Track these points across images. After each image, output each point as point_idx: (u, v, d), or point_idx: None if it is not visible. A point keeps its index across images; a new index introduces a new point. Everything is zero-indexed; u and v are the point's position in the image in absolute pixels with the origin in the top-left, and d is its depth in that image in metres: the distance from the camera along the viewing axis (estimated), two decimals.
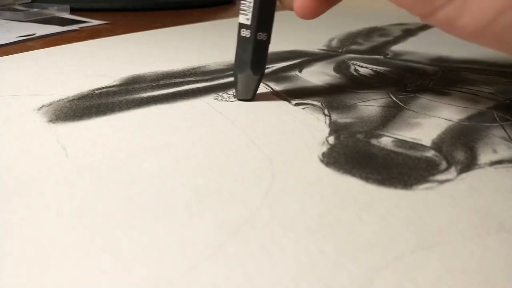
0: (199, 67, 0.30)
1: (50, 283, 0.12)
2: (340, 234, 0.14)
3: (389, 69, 0.31)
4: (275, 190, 0.16)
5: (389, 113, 0.23)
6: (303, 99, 0.25)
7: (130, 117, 0.22)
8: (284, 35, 0.42)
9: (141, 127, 0.21)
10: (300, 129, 0.21)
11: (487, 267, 0.12)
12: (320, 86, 0.27)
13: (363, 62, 0.33)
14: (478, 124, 0.22)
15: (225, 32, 0.43)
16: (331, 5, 0.22)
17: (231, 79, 0.28)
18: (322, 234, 0.14)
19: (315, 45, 0.38)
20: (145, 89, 0.26)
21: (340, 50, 0.37)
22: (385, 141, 0.20)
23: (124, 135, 0.20)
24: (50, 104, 0.23)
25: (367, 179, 0.17)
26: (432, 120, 0.22)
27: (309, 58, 0.34)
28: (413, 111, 0.23)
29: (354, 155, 0.18)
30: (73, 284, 0.12)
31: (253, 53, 0.23)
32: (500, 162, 0.18)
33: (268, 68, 0.30)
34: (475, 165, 0.18)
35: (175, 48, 0.36)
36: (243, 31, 0.23)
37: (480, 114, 0.23)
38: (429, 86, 0.28)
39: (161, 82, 0.27)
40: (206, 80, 0.28)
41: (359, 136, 0.20)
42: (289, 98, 0.25)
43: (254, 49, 0.23)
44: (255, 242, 0.13)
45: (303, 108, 0.23)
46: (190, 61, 0.32)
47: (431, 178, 0.17)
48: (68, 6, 0.51)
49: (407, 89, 0.27)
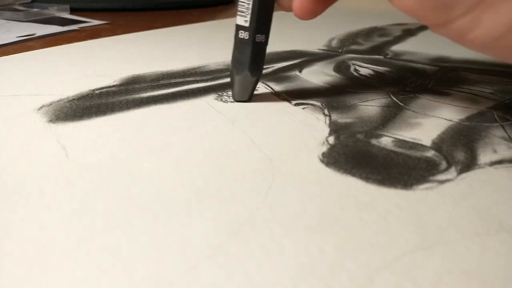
0: (199, 67, 0.30)
1: (50, 283, 0.12)
2: (340, 234, 0.14)
3: (389, 69, 0.31)
4: (275, 190, 0.16)
5: (389, 113, 0.23)
6: (303, 99, 0.25)
7: (130, 117, 0.22)
8: (284, 35, 0.42)
9: (141, 127, 0.21)
10: (300, 129, 0.21)
11: (487, 267, 0.12)
12: (320, 86, 0.27)
13: (363, 62, 0.33)
14: (478, 124, 0.22)
15: (225, 32, 0.43)
16: (328, 5, 0.22)
17: None
18: (322, 234, 0.14)
19: (315, 45, 0.38)
20: (145, 89, 0.26)
21: (340, 50, 0.37)
22: (385, 141, 0.20)
23: (124, 135, 0.20)
24: (50, 104, 0.23)
25: (367, 179, 0.17)
26: (432, 120, 0.22)
27: (309, 58, 0.34)
28: (413, 111, 0.23)
29: (354, 155, 0.18)
30: (73, 284, 0.12)
31: (252, 55, 0.23)
32: (500, 162, 0.18)
33: (268, 68, 0.30)
34: (475, 165, 0.18)
35: (175, 48, 0.36)
36: (241, 33, 0.23)
37: (480, 114, 0.23)
38: (429, 86, 0.28)
39: (161, 82, 0.27)
40: (206, 80, 0.28)
41: (359, 136, 0.20)
42: (289, 98, 0.25)
43: (253, 51, 0.23)
44: (255, 242, 0.13)
45: (303, 108, 0.23)
46: (190, 61, 0.32)
47: (431, 178, 0.17)
48: (68, 6, 0.51)
49: (407, 89, 0.27)
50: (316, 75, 0.29)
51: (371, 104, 0.24)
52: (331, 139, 0.20)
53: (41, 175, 0.16)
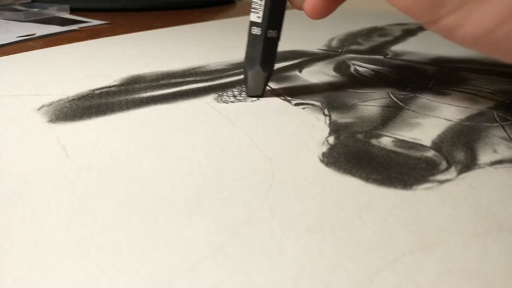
0: (199, 67, 0.30)
1: (50, 283, 0.12)
2: (340, 234, 0.14)
3: (389, 69, 0.31)
4: (275, 190, 0.16)
5: (389, 113, 0.23)
6: (303, 99, 0.25)
7: (130, 117, 0.22)
8: (285, 35, 0.42)
9: (141, 127, 0.21)
10: (300, 129, 0.21)
11: (487, 267, 0.12)
12: (320, 86, 0.27)
13: (363, 62, 0.33)
14: (478, 124, 0.22)
15: (225, 32, 0.43)
16: (339, 4, 0.22)
17: (231, 79, 0.28)
18: (322, 234, 0.14)
19: (315, 45, 0.38)
20: (145, 89, 0.26)
21: (340, 50, 0.37)
22: (385, 141, 0.20)
23: (124, 135, 0.20)
24: (50, 104, 0.23)
25: (367, 179, 0.17)
26: (432, 120, 0.22)
27: (309, 58, 0.34)
28: (413, 111, 0.23)
29: (354, 155, 0.18)
30: (73, 284, 0.12)
31: (263, 50, 0.23)
32: (500, 162, 0.18)
33: None
34: (475, 165, 0.18)
35: (175, 48, 0.36)
36: (254, 29, 0.23)
37: (480, 114, 0.23)
38: (429, 86, 0.28)
39: (161, 82, 0.27)
40: (206, 80, 0.28)
41: (359, 136, 0.20)
42: (289, 98, 0.25)
43: (264, 47, 0.23)
44: (255, 242, 0.13)
45: (303, 108, 0.23)
46: (190, 61, 0.32)
47: (431, 178, 0.17)
48: (68, 6, 0.51)
49: (407, 89, 0.27)
50: (316, 75, 0.29)
51: (371, 104, 0.24)
52: (331, 139, 0.20)
53: (41, 175, 0.16)
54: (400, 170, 0.17)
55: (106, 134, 0.20)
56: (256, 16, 0.23)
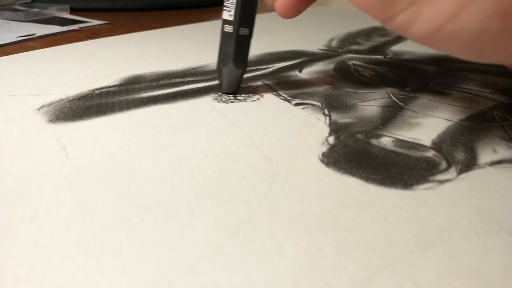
0: (199, 67, 0.30)
1: (50, 283, 0.12)
2: (340, 234, 0.14)
3: (389, 69, 0.31)
4: (275, 190, 0.16)
5: (389, 113, 0.23)
6: (303, 99, 0.25)
7: (130, 117, 0.22)
8: (284, 35, 0.42)
9: (141, 127, 0.21)
10: (300, 129, 0.21)
11: (487, 267, 0.12)
12: (320, 86, 0.27)
13: (363, 62, 0.33)
14: (478, 124, 0.22)
15: None
16: (309, 4, 0.23)
17: None
18: (322, 234, 0.14)
19: (315, 45, 0.38)
20: (145, 89, 0.26)
21: (340, 50, 0.37)
22: (385, 141, 0.20)
23: (124, 135, 0.20)
24: (50, 104, 0.23)
25: (367, 179, 0.17)
26: (432, 120, 0.22)
27: (309, 58, 0.34)
28: (413, 111, 0.23)
29: (354, 155, 0.18)
30: (73, 284, 0.12)
31: (236, 48, 0.24)
32: (500, 162, 0.18)
33: (268, 68, 0.30)
34: (475, 165, 0.18)
35: (175, 48, 0.36)
36: (226, 27, 0.24)
37: (480, 114, 0.23)
38: (429, 86, 0.28)
39: (161, 82, 0.27)
40: (206, 80, 0.28)
41: (359, 136, 0.20)
42: (289, 98, 0.25)
43: (236, 44, 0.24)
44: (255, 242, 0.13)
45: (303, 108, 0.23)
46: (190, 61, 0.32)
47: (431, 178, 0.17)
48: (68, 6, 0.51)
49: (407, 89, 0.27)
50: (316, 75, 0.29)
51: (371, 104, 0.24)
52: (331, 139, 0.20)
53: (41, 175, 0.16)
54: (400, 170, 0.17)
55: (106, 134, 0.20)
56: (228, 14, 0.23)
